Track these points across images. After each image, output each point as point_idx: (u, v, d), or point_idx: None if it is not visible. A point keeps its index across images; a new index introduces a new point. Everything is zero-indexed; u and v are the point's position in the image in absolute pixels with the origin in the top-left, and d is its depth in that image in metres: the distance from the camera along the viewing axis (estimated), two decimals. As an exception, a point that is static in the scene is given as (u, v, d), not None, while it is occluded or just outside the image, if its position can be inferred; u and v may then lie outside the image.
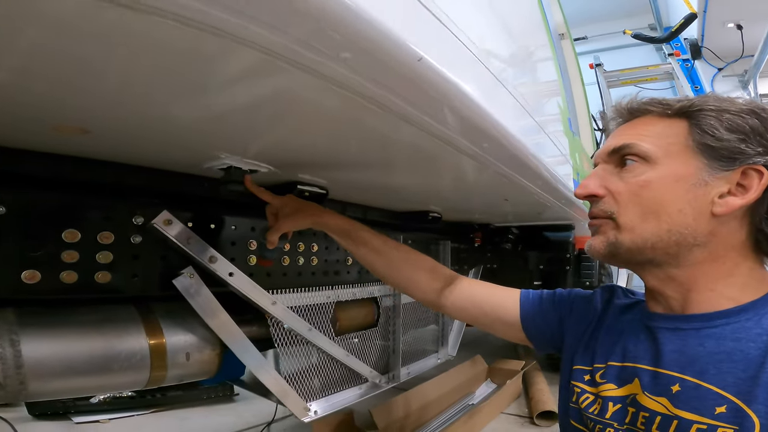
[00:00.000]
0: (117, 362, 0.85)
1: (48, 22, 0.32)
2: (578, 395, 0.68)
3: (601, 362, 0.67)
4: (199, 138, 0.69)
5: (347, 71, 0.41)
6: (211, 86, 0.47)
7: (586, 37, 5.38)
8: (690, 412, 0.53)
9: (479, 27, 0.71)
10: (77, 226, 0.76)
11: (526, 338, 0.82)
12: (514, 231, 2.41)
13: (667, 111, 0.60)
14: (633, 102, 0.64)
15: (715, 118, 0.56)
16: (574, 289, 0.82)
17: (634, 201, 0.59)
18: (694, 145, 0.57)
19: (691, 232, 0.57)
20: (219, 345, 1.01)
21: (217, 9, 0.31)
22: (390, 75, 0.43)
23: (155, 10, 0.31)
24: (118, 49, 0.38)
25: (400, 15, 0.42)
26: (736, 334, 0.55)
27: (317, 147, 0.78)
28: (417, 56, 0.41)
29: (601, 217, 0.62)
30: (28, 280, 0.73)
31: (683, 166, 0.57)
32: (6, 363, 0.74)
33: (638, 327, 0.65)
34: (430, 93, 0.49)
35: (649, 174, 0.58)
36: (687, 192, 0.56)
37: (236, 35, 0.34)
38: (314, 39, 0.35)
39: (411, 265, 0.94)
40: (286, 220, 0.94)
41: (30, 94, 0.48)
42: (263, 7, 0.32)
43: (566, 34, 2.48)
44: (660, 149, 0.58)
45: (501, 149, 0.73)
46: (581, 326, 0.75)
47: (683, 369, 0.56)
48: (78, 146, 0.71)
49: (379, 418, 1.78)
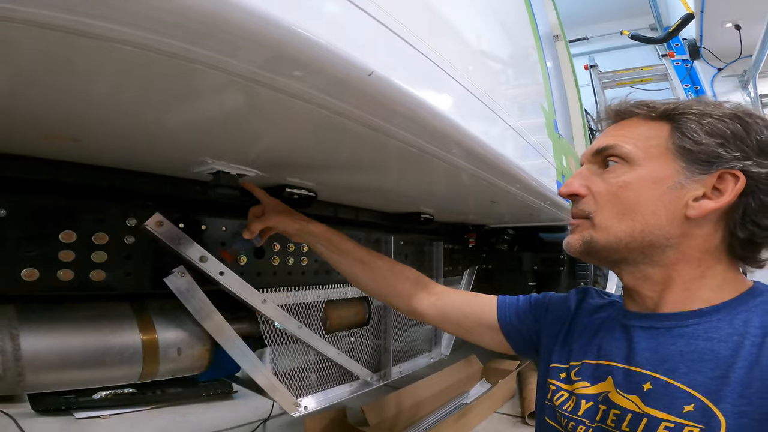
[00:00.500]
0: (110, 356, 0.90)
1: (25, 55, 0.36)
2: (553, 393, 0.69)
3: (577, 360, 0.68)
4: (185, 145, 0.73)
5: (304, 86, 0.45)
6: (186, 101, 0.52)
7: (587, 37, 5.39)
8: (659, 410, 0.54)
9: (449, 37, 0.75)
10: (73, 228, 0.81)
11: (506, 341, 0.84)
12: (510, 232, 2.43)
13: (652, 113, 0.61)
14: (621, 104, 0.66)
15: (696, 121, 0.57)
16: (549, 293, 0.84)
17: (612, 201, 0.60)
18: (674, 148, 0.58)
19: (663, 233, 0.58)
20: (209, 341, 1.05)
21: (179, 41, 0.36)
22: (344, 89, 0.47)
23: (142, 46, 0.35)
24: (102, 74, 0.43)
25: (352, 32, 0.46)
26: (708, 333, 0.56)
27: (300, 153, 0.81)
28: (368, 71, 0.45)
29: (580, 217, 0.64)
30: (27, 278, 0.78)
31: (662, 169, 0.58)
32: (5, 356, 0.79)
33: (614, 325, 0.66)
34: (386, 104, 0.52)
35: (629, 175, 0.59)
36: (663, 194, 0.58)
37: (197, 60, 0.39)
38: (267, 62, 0.40)
39: (394, 276, 0.95)
40: (273, 216, 0.94)
41: (21, 108, 0.53)
42: (213, 39, 0.36)
43: (561, 35, 2.49)
44: (641, 151, 0.60)
45: (469, 154, 0.77)
46: (556, 326, 0.76)
47: (655, 367, 0.57)
48: (73, 152, 0.76)
49: (370, 414, 1.81)
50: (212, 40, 0.36)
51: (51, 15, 0.31)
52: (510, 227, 2.39)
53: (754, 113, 0.58)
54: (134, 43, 0.35)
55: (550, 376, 0.71)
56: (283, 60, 0.40)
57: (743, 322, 0.55)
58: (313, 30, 0.40)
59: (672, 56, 4.28)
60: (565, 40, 2.55)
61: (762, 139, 0.56)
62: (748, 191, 0.56)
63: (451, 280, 2.12)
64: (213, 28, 0.34)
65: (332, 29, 0.42)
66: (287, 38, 0.38)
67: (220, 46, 0.37)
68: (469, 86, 0.72)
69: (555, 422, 0.68)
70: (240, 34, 0.35)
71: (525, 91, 1.25)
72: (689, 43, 4.22)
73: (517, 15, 1.36)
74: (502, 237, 2.34)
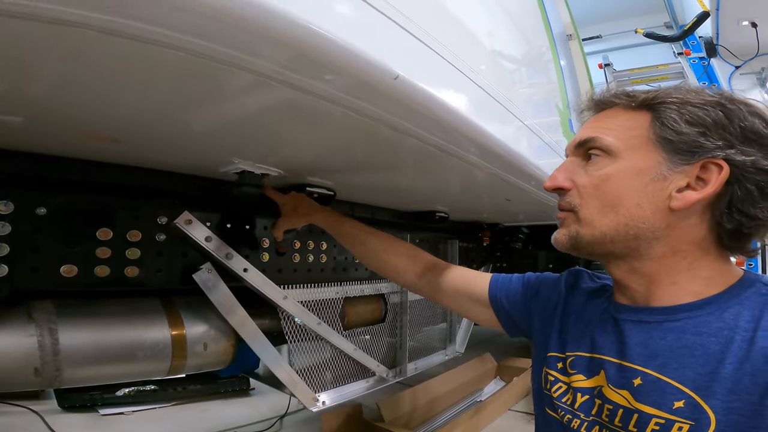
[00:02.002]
0: (142, 350, 0.93)
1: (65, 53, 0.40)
2: (551, 383, 0.68)
3: (572, 351, 0.67)
4: (213, 146, 0.77)
5: (333, 89, 0.48)
6: (214, 101, 0.55)
7: (600, 36, 5.33)
8: (650, 406, 0.53)
9: (465, 39, 0.77)
10: (109, 225, 0.85)
11: (497, 319, 0.84)
12: (524, 230, 2.44)
13: (632, 103, 0.59)
14: (602, 93, 0.64)
15: (677, 110, 0.55)
16: (544, 273, 0.83)
17: (595, 195, 0.59)
18: (655, 139, 0.56)
19: (648, 226, 0.56)
20: (234, 336, 1.09)
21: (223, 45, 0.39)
22: (371, 92, 0.50)
23: (167, 45, 0.38)
24: (137, 74, 0.46)
25: (378, 38, 0.49)
26: (697, 328, 0.54)
27: (322, 152, 0.85)
28: (393, 75, 0.48)
29: (566, 210, 0.62)
30: (67, 274, 0.82)
31: (644, 160, 0.56)
32: (44, 350, 0.82)
33: (605, 317, 0.65)
34: (411, 106, 0.55)
35: (610, 168, 0.58)
36: (646, 186, 0.56)
37: (230, 62, 0.42)
38: (302, 67, 0.43)
39: (390, 252, 0.99)
40: (284, 220, 1.04)
41: (65, 109, 0.56)
42: (252, 40, 0.39)
43: (574, 34, 2.49)
44: (622, 143, 0.58)
45: (487, 153, 0.79)
46: (548, 310, 0.76)
47: (646, 362, 0.56)
48: (110, 153, 0.80)
49: (386, 411, 1.84)
50: (259, 48, 0.39)
51: (84, 14, 0.34)
52: (524, 225, 2.40)
53: (736, 99, 0.55)
54: (175, 46, 0.38)
55: (547, 365, 0.70)
56: (317, 64, 0.43)
57: (734, 316, 0.53)
58: (343, 37, 0.43)
59: (688, 54, 4.22)
60: (579, 39, 2.54)
61: (745, 126, 0.53)
62: (733, 180, 0.53)
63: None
64: (260, 37, 0.37)
65: (360, 36, 0.45)
66: (322, 45, 0.41)
67: (267, 53, 0.40)
68: (486, 87, 0.75)
69: (554, 413, 0.67)
70: (281, 42, 0.39)
71: (539, 91, 1.27)
72: (705, 41, 4.15)
73: (530, 15, 1.37)
74: (517, 235, 2.35)
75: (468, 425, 1.94)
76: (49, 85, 0.49)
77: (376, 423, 1.81)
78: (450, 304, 0.94)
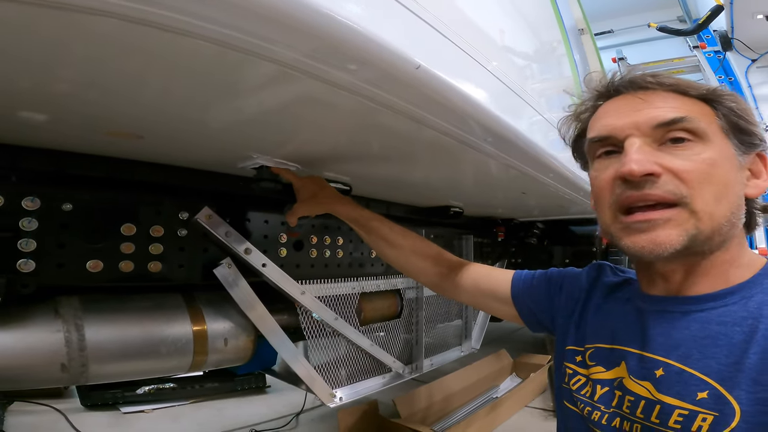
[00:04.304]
0: (165, 346, 0.94)
1: (95, 39, 0.40)
2: (570, 376, 0.68)
3: (591, 343, 0.67)
4: (232, 140, 0.78)
5: (355, 79, 0.49)
6: (236, 94, 0.56)
7: (612, 30, 5.28)
8: (672, 397, 0.53)
9: (481, 32, 0.77)
10: (133, 221, 0.86)
11: (519, 316, 0.84)
12: (539, 225, 2.43)
13: (689, 91, 0.57)
14: (644, 75, 0.58)
15: (736, 104, 0.56)
16: (567, 268, 0.82)
17: (707, 181, 0.52)
18: (728, 127, 0.56)
19: (738, 214, 0.55)
20: (253, 332, 1.09)
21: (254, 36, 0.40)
22: (393, 82, 0.51)
23: (181, 30, 0.39)
24: (156, 64, 0.46)
25: (400, 28, 0.49)
26: (721, 317, 0.54)
27: (340, 146, 0.86)
28: (415, 64, 0.49)
29: (669, 201, 0.53)
30: (92, 270, 0.83)
31: (726, 147, 0.55)
32: (71, 346, 0.83)
33: (628, 308, 0.65)
34: (431, 95, 0.56)
35: (710, 152, 0.53)
36: (737, 173, 0.55)
37: (255, 52, 0.42)
38: (322, 54, 0.44)
39: (416, 253, 0.98)
40: (302, 205, 0.99)
41: (87, 105, 0.57)
42: (275, 28, 0.40)
43: (586, 29, 2.48)
44: (708, 127, 0.55)
45: (504, 143, 0.79)
46: (570, 305, 0.75)
47: (668, 353, 0.55)
48: (132, 150, 0.82)
49: (402, 407, 1.84)
50: (283, 37, 0.40)
51: (107, 1, 0.34)
52: (539, 221, 2.39)
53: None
54: (199, 35, 0.39)
55: (566, 359, 0.70)
56: (340, 54, 0.44)
57: (758, 305, 0.52)
58: (366, 26, 0.43)
59: (704, 48, 4.16)
60: (591, 34, 2.53)
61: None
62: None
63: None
64: (284, 26, 0.38)
65: (382, 25, 0.46)
66: (346, 34, 0.42)
67: (291, 42, 0.41)
68: (503, 78, 0.75)
69: (573, 406, 0.67)
70: (305, 31, 0.39)
71: (555, 84, 1.26)
72: (720, 35, 4.09)
73: (542, 9, 1.37)
74: (531, 231, 2.34)
75: (484, 422, 1.94)
76: (73, 81, 0.50)
77: (392, 419, 1.81)
78: (471, 302, 0.95)
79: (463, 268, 0.93)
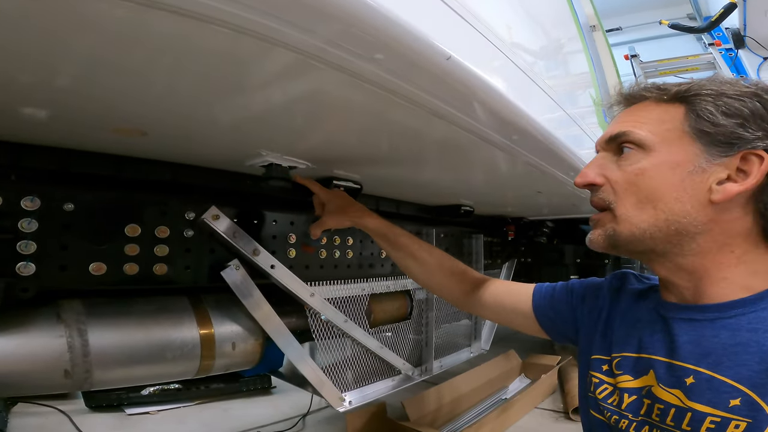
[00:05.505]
0: (171, 351, 0.91)
1: (96, 28, 0.37)
2: (596, 386, 0.67)
3: (618, 352, 0.66)
4: (241, 137, 0.74)
5: (380, 71, 0.45)
6: (249, 87, 0.52)
7: (620, 27, 5.23)
8: (704, 405, 0.53)
9: (507, 24, 0.73)
10: (137, 221, 0.83)
11: (542, 329, 0.84)
12: (549, 224, 2.39)
13: (664, 96, 0.59)
14: (632, 87, 0.63)
15: (712, 102, 0.55)
16: (589, 279, 0.82)
17: (631, 190, 0.58)
18: (691, 131, 0.55)
19: (690, 220, 0.55)
20: (262, 335, 1.06)
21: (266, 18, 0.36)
22: (421, 73, 0.47)
23: (195, 14, 0.35)
24: (164, 53, 0.43)
25: (429, 17, 0.45)
26: (752, 324, 0.53)
27: (351, 143, 0.82)
28: (446, 55, 0.45)
29: (601, 208, 0.61)
30: (96, 272, 0.80)
31: (680, 153, 0.56)
32: (74, 351, 0.80)
33: (653, 317, 0.64)
34: (459, 89, 0.52)
35: (645, 162, 0.57)
36: (683, 179, 0.55)
37: (271, 37, 0.38)
38: (348, 41, 0.39)
39: (442, 270, 0.98)
40: (330, 217, 1.00)
41: (91, 98, 0.54)
42: (295, 10, 0.36)
43: (598, 25, 2.45)
44: (656, 136, 0.57)
45: (529, 140, 0.75)
46: (593, 315, 0.75)
47: (698, 361, 0.55)
48: (137, 147, 0.78)
49: (411, 409, 1.81)
50: (304, 20, 0.36)
51: None
52: (549, 219, 2.35)
53: None
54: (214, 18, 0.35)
55: (591, 368, 0.70)
56: (366, 41, 0.40)
57: None
58: (397, 13, 0.39)
59: (719, 45, 4.11)
60: (603, 30, 2.50)
61: None
62: None
63: (491, 273, 2.11)
64: (305, 8, 0.34)
65: (411, 12, 0.42)
66: (373, 19, 0.37)
67: (312, 26, 0.37)
68: (530, 72, 0.71)
69: (600, 414, 0.66)
70: (328, 14, 0.35)
71: (575, 81, 1.22)
72: (732, 32, 4.05)
73: (559, 6, 1.34)
74: (541, 230, 2.30)
75: (495, 424, 1.90)
76: (77, 73, 0.46)
77: (400, 422, 1.78)
78: (495, 318, 0.94)
79: (486, 285, 0.93)
